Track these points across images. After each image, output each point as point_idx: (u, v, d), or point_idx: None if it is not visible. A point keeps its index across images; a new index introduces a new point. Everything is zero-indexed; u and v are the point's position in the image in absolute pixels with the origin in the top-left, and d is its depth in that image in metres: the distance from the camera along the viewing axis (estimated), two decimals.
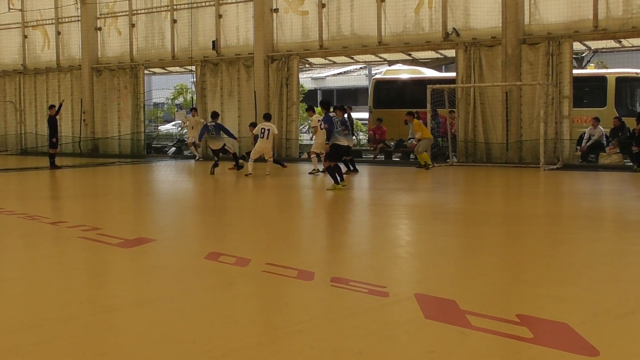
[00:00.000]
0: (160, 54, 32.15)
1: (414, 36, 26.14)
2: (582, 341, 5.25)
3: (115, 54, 33.55)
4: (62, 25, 35.27)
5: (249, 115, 28.55)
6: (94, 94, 33.73)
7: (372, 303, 6.47)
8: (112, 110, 33.35)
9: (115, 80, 33.18)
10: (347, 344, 5.31)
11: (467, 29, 25.02)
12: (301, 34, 28.49)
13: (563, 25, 23.32)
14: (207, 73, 30.34)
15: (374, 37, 26.80)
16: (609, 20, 22.72)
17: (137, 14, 32.64)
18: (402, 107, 29.04)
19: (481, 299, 6.62)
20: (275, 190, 18.10)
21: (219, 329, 5.72)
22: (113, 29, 33.67)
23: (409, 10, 26.13)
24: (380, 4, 26.47)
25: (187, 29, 30.96)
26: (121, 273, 8.26)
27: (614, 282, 7.43)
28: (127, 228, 11.64)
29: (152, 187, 19.99)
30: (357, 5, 27.12)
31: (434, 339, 5.44)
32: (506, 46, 23.78)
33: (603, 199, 16.06)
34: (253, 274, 7.78)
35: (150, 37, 32.43)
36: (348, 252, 9.38)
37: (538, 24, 23.82)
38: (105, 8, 33.70)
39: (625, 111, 25.65)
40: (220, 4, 30.00)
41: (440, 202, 15.20)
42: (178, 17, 31.37)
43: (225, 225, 12.37)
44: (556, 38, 23.22)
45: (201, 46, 30.59)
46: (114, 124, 33.26)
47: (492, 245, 9.95)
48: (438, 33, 25.53)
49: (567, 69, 23.31)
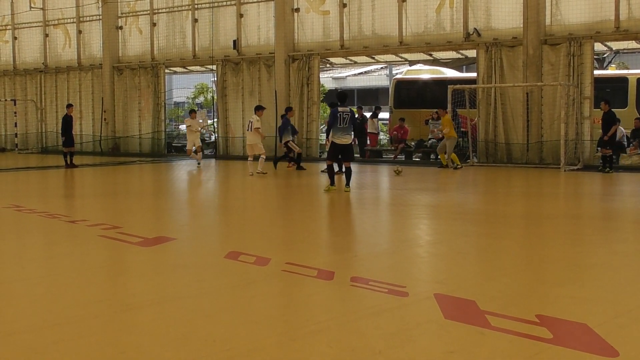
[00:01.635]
0: (181, 53, 32.27)
1: (435, 36, 26.10)
2: (601, 342, 5.24)
3: (136, 53, 33.71)
4: (83, 24, 35.48)
5: (270, 115, 28.53)
6: (115, 92, 33.92)
7: (392, 303, 6.48)
8: (133, 109, 33.51)
9: (136, 79, 33.34)
10: (367, 344, 5.32)
11: (488, 29, 24.96)
12: (322, 33, 28.51)
13: (584, 25, 23.21)
14: (228, 72, 30.42)
15: (394, 37, 26.77)
16: (630, 21, 22.60)
17: (158, 13, 32.78)
18: (422, 107, 29.08)
19: (501, 299, 6.61)
20: (294, 189, 18.13)
21: (238, 328, 5.75)
22: (134, 28, 33.83)
23: (430, 10, 26.10)
24: (402, 4, 26.44)
25: (208, 28, 31.05)
26: (141, 272, 8.30)
27: (635, 283, 7.40)
28: (147, 227, 11.69)
29: (172, 186, 20.07)
30: (378, 5, 27.10)
31: (454, 339, 5.44)
32: (527, 47, 23.70)
33: (624, 199, 15.97)
34: (273, 273, 7.80)
35: (171, 36, 32.56)
36: (368, 251, 9.38)
37: (559, 25, 23.72)
38: (126, 7, 33.88)
39: None
40: (241, 3, 30.08)
41: (460, 203, 15.16)
42: (199, 16, 31.48)
43: (244, 224, 12.40)
44: (577, 39, 23.11)
45: (222, 45, 30.69)
46: (135, 123, 33.42)
47: (512, 246, 9.92)
48: (459, 33, 25.48)
49: (588, 70, 23.21)
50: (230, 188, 19.42)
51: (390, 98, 31.62)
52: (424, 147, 27.96)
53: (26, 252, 9.60)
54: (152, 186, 20.42)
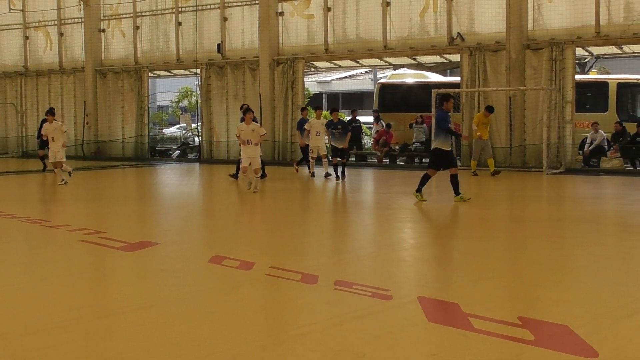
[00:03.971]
0: (165, 56, 32.16)
1: (419, 40, 26.16)
2: (582, 343, 5.30)
3: (119, 56, 33.57)
4: (65, 26, 35.24)
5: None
6: (98, 96, 33.73)
7: (376, 306, 6.52)
8: (116, 113, 33.34)
9: (119, 82, 33.19)
10: (351, 347, 5.35)
11: (471, 34, 25.05)
12: (307, 37, 28.52)
13: (566, 31, 23.36)
14: (212, 76, 30.37)
15: (379, 41, 26.82)
16: (610, 27, 22.76)
17: (142, 16, 32.65)
18: (407, 111, 29.15)
19: (484, 302, 6.66)
20: (278, 193, 18.13)
21: (222, 333, 5.76)
22: (117, 31, 33.66)
23: (414, 15, 26.16)
24: (386, 8, 26.50)
25: (192, 32, 30.98)
26: (124, 277, 8.30)
27: (615, 285, 7.46)
28: (130, 231, 11.68)
29: (156, 191, 20.04)
30: (362, 9, 27.15)
31: (437, 342, 5.48)
32: (510, 51, 23.81)
33: (605, 203, 16.09)
34: (257, 277, 7.82)
35: (154, 40, 32.44)
36: (352, 255, 9.42)
37: (541, 30, 23.84)
38: (109, 10, 33.67)
39: (627, 116, 25.72)
40: (225, 6, 30.03)
41: (443, 206, 15.21)
42: (183, 19, 31.40)
43: (228, 228, 12.41)
44: (559, 44, 23.25)
45: (206, 49, 30.63)
46: (118, 127, 33.25)
47: (495, 249, 9.98)
48: (443, 37, 25.56)
49: (569, 74, 23.35)
50: (214, 192, 19.40)
51: (374, 102, 31.68)
52: (408, 151, 28.02)
53: (6, 257, 9.54)
54: (135, 190, 20.39)
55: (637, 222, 12.50)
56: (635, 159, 23.42)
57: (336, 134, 20.43)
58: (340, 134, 20.39)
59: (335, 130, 20.48)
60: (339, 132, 20.43)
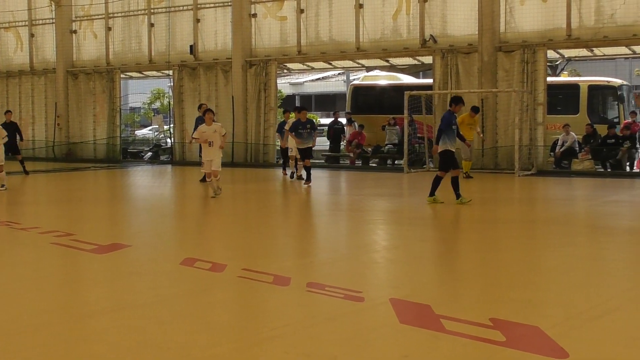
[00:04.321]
0: (137, 57, 31.98)
1: (392, 42, 26.22)
2: (552, 344, 5.33)
3: (91, 58, 33.33)
4: (36, 27, 34.92)
5: (227, 121, 28.45)
6: (69, 97, 33.44)
7: (348, 308, 6.52)
8: (88, 115, 33.08)
9: (91, 84, 32.94)
10: (323, 350, 5.35)
11: (444, 36, 25.13)
12: (279, 39, 28.48)
13: (538, 33, 23.50)
14: (185, 77, 30.24)
15: (352, 43, 26.85)
16: (581, 30, 22.94)
17: (114, 17, 32.44)
18: (379, 113, 29.20)
19: (456, 303, 6.68)
20: (250, 195, 18.11)
21: (194, 335, 5.73)
22: (89, 32, 33.41)
23: (386, 17, 26.20)
24: (359, 10, 26.53)
25: (165, 33, 30.83)
26: (95, 279, 8.24)
27: (586, 286, 7.52)
28: (102, 234, 11.59)
29: (128, 193, 19.93)
30: (335, 11, 27.16)
31: (409, 344, 5.50)
32: (482, 53, 23.92)
33: (576, 204, 16.21)
34: (229, 279, 7.80)
35: (127, 41, 32.24)
36: (324, 257, 9.42)
37: (513, 32, 23.98)
38: (80, 11, 33.42)
39: (597, 118, 25.96)
40: (198, 8, 29.92)
41: (416, 208, 15.26)
42: (155, 21, 31.24)
43: (200, 230, 12.38)
44: (531, 46, 23.39)
45: (179, 50, 30.49)
46: (90, 129, 32.99)
47: (467, 251, 10.02)
48: (415, 40, 25.62)
49: (541, 77, 23.50)
50: (186, 194, 19.32)
51: (347, 104, 31.72)
52: (380, 153, 28.07)
53: None
54: (106, 192, 20.25)
55: (607, 223, 12.61)
56: (605, 161, 23.63)
57: (304, 134, 19.42)
58: (308, 134, 19.46)
59: (303, 131, 19.47)
60: (307, 132, 19.47)
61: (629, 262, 8.98)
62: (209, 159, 15.99)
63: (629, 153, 23.53)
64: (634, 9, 22.09)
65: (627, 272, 8.35)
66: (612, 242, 10.47)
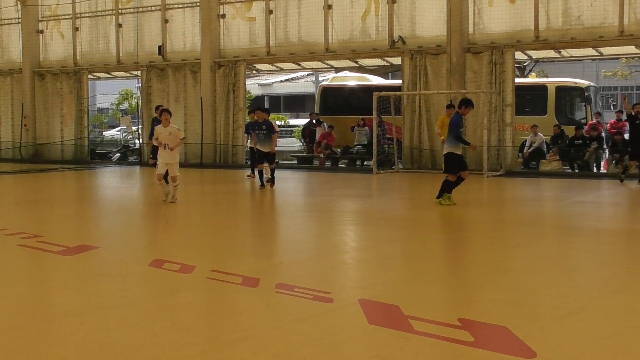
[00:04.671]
0: (105, 58, 31.77)
1: (361, 43, 26.27)
2: (520, 344, 5.36)
3: (58, 58, 33.06)
4: (2, 27, 34.55)
5: (196, 122, 28.41)
6: (36, 98, 33.13)
7: (317, 309, 6.51)
8: (55, 115, 32.80)
9: (58, 84, 32.67)
10: (291, 351, 5.34)
11: (413, 37, 25.22)
12: (248, 40, 28.43)
13: (506, 35, 23.66)
14: (153, 78, 30.09)
15: (321, 44, 26.86)
16: (549, 31, 23.13)
17: (81, 17, 32.19)
18: (348, 114, 29.23)
19: (424, 304, 6.70)
20: (219, 196, 18.05)
21: (162, 337, 5.70)
22: (56, 32, 33.14)
23: (355, 18, 26.25)
24: (328, 11, 26.55)
25: (133, 34, 30.66)
26: (62, 281, 8.16)
27: (553, 286, 7.57)
28: (69, 235, 11.49)
29: (95, 194, 19.79)
30: (304, 12, 27.15)
31: (377, 344, 5.50)
32: (451, 54, 24.03)
33: (543, 205, 16.34)
34: (197, 281, 7.76)
35: (94, 41, 32.00)
36: (293, 258, 9.40)
37: (482, 34, 24.12)
38: (47, 11, 33.14)
39: (565, 119, 26.19)
40: (166, 8, 29.78)
41: (385, 209, 15.30)
42: (123, 21, 31.05)
43: (169, 231, 12.31)
44: (499, 47, 23.54)
45: (147, 51, 30.33)
46: (57, 129, 32.72)
47: (436, 251, 10.06)
48: (384, 41, 25.69)
49: (509, 78, 23.66)
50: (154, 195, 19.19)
51: (316, 105, 31.73)
52: (350, 154, 28.11)
53: None
54: (74, 194, 20.08)
55: (574, 223, 12.71)
56: (573, 162, 23.85)
57: (260, 135, 18.29)
58: (265, 136, 18.22)
59: (259, 132, 18.36)
60: (263, 133, 18.26)
61: (596, 262, 9.06)
62: (166, 162, 15.21)
63: (596, 154, 23.77)
64: (601, 11, 22.32)
65: (594, 272, 8.43)
66: (579, 243, 10.56)
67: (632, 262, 9.04)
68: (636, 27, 21.93)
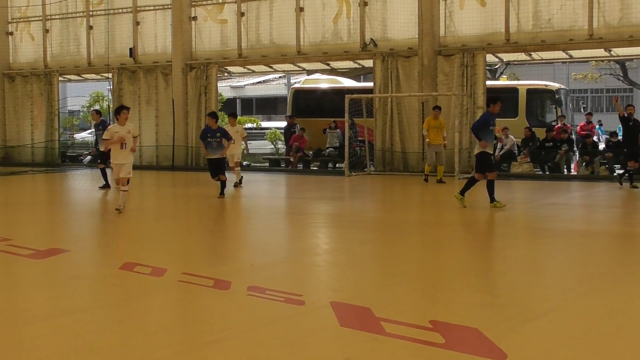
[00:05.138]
0: (76, 60, 31.56)
1: (333, 46, 26.30)
2: (491, 345, 5.40)
3: (29, 60, 32.80)
4: None
5: (168, 124, 28.31)
6: (6, 100, 32.82)
7: (289, 311, 6.51)
8: (25, 118, 32.53)
9: (28, 86, 32.40)
10: (263, 353, 5.34)
11: (384, 40, 25.29)
12: (220, 42, 28.37)
13: (477, 37, 23.79)
14: (125, 81, 29.94)
15: (292, 46, 26.85)
16: (519, 34, 23.29)
17: (51, 19, 31.97)
18: (320, 116, 29.24)
19: (396, 306, 6.72)
20: (191, 199, 17.99)
21: (134, 340, 5.68)
22: (26, 34, 32.88)
23: (327, 20, 26.28)
24: (299, 14, 26.55)
25: (104, 36, 30.46)
26: (33, 285, 8.09)
27: (524, 288, 7.63)
28: (40, 239, 11.40)
29: (66, 197, 19.65)
30: (276, 14, 27.14)
31: (349, 347, 5.51)
32: (422, 57, 24.12)
33: (515, 207, 16.42)
34: (169, 284, 7.74)
35: (65, 43, 31.79)
36: (265, 261, 9.39)
37: (453, 36, 24.23)
38: (17, 12, 32.88)
39: (536, 122, 26.40)
40: (137, 10, 29.65)
41: (357, 211, 15.33)
42: (94, 23, 30.87)
43: (141, 234, 12.25)
44: (470, 50, 23.66)
45: (118, 53, 30.16)
46: (27, 132, 32.44)
47: (407, 254, 10.08)
48: (356, 43, 25.74)
49: (480, 80, 23.79)
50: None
51: (288, 107, 31.73)
52: (322, 156, 28.14)
53: None
54: (44, 196, 19.94)
55: (545, 225, 12.80)
56: (544, 164, 24.02)
57: (213, 143, 16.71)
58: (217, 144, 16.71)
59: (212, 140, 16.73)
60: (216, 141, 16.70)
61: (567, 263, 9.14)
62: (120, 163, 14.01)
63: (566, 156, 23.95)
64: (570, 14, 22.52)
65: (565, 273, 8.49)
66: (550, 244, 10.63)
67: (603, 263, 9.12)
68: (605, 31, 22.14)
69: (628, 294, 7.36)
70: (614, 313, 6.53)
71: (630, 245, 10.51)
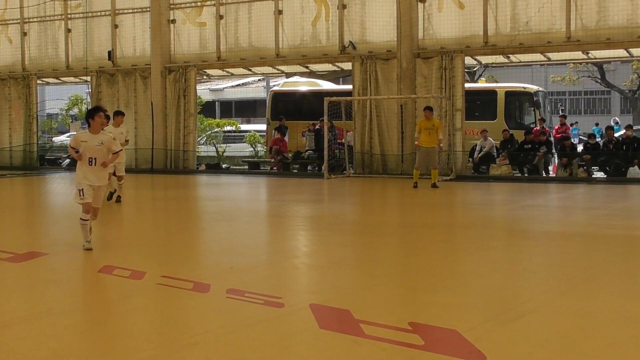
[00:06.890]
0: (54, 63, 31.40)
1: (311, 49, 26.31)
2: (470, 347, 5.42)
3: (6, 63, 32.59)
4: None
5: (146, 127, 28.22)
6: None
7: (268, 314, 6.52)
8: (3, 121, 32.33)
9: (6, 90, 32.21)
10: (243, 356, 5.34)
11: (363, 43, 25.33)
12: (199, 45, 28.32)
13: (455, 40, 23.88)
14: (103, 84, 29.82)
15: (271, 49, 26.85)
16: (498, 37, 23.40)
17: (29, 22, 31.81)
18: (299, 119, 29.26)
19: (375, 308, 6.73)
20: (170, 202, 17.95)
21: (113, 343, 5.67)
22: (3, 36, 32.67)
23: (306, 23, 26.29)
24: (278, 16, 26.56)
25: (82, 39, 30.32)
26: (11, 288, 8.05)
27: (503, 289, 7.67)
28: (18, 242, 11.32)
29: (45, 200, 19.53)
30: (255, 17, 27.13)
31: (328, 349, 5.52)
32: (401, 60, 24.19)
33: (493, 209, 16.51)
34: (148, 287, 7.72)
35: (43, 46, 31.62)
36: (244, 263, 9.37)
37: (432, 39, 24.30)
38: None
39: (514, 124, 26.59)
40: (116, 13, 29.56)
41: (336, 213, 15.34)
42: (72, 26, 30.73)
43: (120, 238, 12.20)
44: (449, 53, 23.75)
45: (97, 56, 30.04)
46: (5, 135, 32.24)
47: (386, 255, 10.11)
48: (335, 46, 25.77)
49: (459, 83, 23.88)
50: (104, 201, 19.00)
51: (267, 110, 31.73)
52: (301, 159, 28.14)
53: None
54: (23, 200, 19.81)
55: (523, 227, 12.86)
56: (523, 166, 24.14)
57: None
58: None
59: None
60: None
61: (545, 265, 9.18)
62: (92, 184, 9.95)
63: (545, 158, 24.09)
64: (548, 17, 22.65)
65: (543, 275, 8.53)
66: (528, 246, 10.68)
67: (580, 264, 9.18)
68: (583, 33, 22.30)
69: (605, 294, 7.42)
70: (592, 314, 6.58)
71: (607, 247, 10.57)
